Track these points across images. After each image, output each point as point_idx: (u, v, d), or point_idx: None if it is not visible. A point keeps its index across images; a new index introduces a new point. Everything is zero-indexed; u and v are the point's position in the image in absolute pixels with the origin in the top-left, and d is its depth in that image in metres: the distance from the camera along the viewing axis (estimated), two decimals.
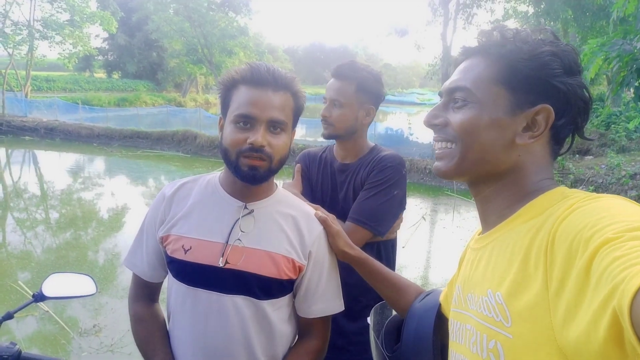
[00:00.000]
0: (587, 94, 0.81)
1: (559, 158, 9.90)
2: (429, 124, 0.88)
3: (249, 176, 1.17)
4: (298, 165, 1.86)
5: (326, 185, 1.81)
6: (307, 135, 15.91)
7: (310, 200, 1.63)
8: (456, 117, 0.84)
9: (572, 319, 0.59)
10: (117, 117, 19.47)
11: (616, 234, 0.57)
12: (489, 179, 0.85)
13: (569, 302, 0.60)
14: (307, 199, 1.60)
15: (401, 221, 1.79)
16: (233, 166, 1.18)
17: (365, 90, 1.73)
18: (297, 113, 1.26)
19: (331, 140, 1.82)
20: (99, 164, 14.50)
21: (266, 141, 1.15)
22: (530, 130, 0.81)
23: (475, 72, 0.83)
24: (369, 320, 1.27)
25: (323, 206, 1.65)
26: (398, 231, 1.80)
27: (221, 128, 1.24)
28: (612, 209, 0.63)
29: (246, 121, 1.16)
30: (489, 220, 0.87)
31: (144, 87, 35.97)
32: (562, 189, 0.79)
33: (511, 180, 0.83)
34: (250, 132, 1.15)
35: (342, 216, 1.68)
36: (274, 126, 1.17)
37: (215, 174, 1.34)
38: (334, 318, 1.40)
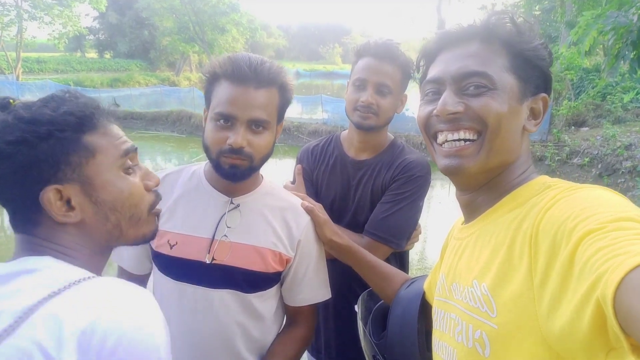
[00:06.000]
0: None
1: (555, 130, 9.73)
2: (449, 112, 0.80)
3: (230, 174, 1.16)
4: (299, 166, 1.68)
5: (336, 183, 1.64)
6: (304, 112, 15.79)
7: (315, 201, 1.51)
8: (481, 103, 0.78)
9: (557, 309, 0.60)
10: (110, 98, 19.22)
11: (599, 224, 0.57)
12: (496, 173, 0.83)
13: (553, 292, 0.61)
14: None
15: (420, 232, 1.66)
16: (214, 164, 1.17)
17: (406, 77, 1.55)
18: (282, 107, 1.20)
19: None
20: None
21: (246, 141, 1.12)
22: (534, 119, 0.83)
23: (488, 59, 0.80)
24: (357, 308, 1.29)
25: (332, 206, 1.60)
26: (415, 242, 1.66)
27: (205, 119, 1.21)
28: (595, 200, 0.64)
29: (226, 119, 1.12)
30: (476, 211, 0.86)
31: (137, 67, 35.45)
32: (544, 178, 0.80)
33: (507, 171, 0.83)
34: (231, 131, 1.12)
35: (353, 217, 1.59)
36: (256, 124, 1.13)
37: (200, 165, 1.32)
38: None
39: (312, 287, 1.31)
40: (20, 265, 0.74)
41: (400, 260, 1.67)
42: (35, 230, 0.78)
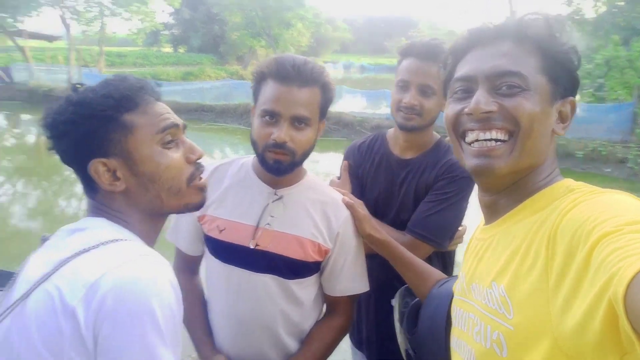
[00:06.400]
0: None
1: (638, 130, 9.05)
2: (482, 111, 0.79)
3: (274, 169, 1.24)
4: (345, 162, 1.72)
5: (380, 181, 1.67)
6: (368, 107, 15.71)
7: (360, 197, 1.56)
8: (515, 103, 0.78)
9: (569, 308, 0.60)
10: (183, 90, 20.11)
11: (615, 227, 0.58)
12: (522, 175, 0.82)
13: (567, 293, 0.61)
14: (356, 197, 1.53)
15: (464, 233, 1.66)
16: (260, 158, 1.26)
17: None
18: (324, 105, 1.28)
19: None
20: None
21: (289, 137, 1.20)
22: (562, 122, 0.83)
23: (521, 58, 0.79)
24: (393, 302, 1.33)
25: (376, 203, 1.64)
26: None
27: (253, 116, 1.29)
28: (614, 204, 0.64)
29: (271, 116, 1.21)
30: (497, 212, 0.86)
31: (208, 61, 36.74)
32: (568, 182, 0.79)
33: (533, 173, 0.82)
34: (275, 127, 1.21)
35: (397, 215, 1.62)
36: (298, 121, 1.21)
37: (249, 158, 1.41)
38: None
39: (350, 278, 1.37)
40: (80, 224, 0.90)
41: (442, 259, 1.67)
42: (95, 196, 0.92)
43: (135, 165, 0.89)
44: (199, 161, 0.98)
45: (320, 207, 1.34)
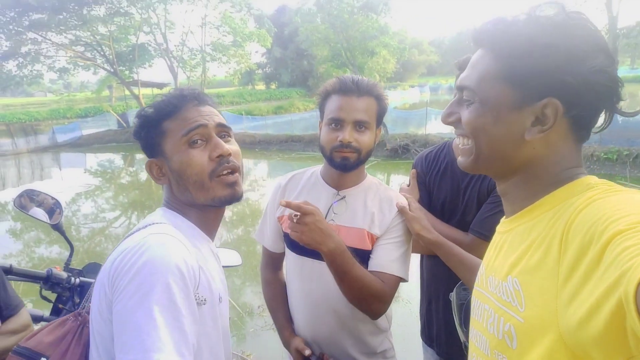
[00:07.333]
0: (608, 76, 0.73)
1: None
2: (445, 122, 0.89)
3: (342, 166, 1.44)
4: (413, 170, 1.85)
5: (446, 186, 1.77)
6: None
7: (428, 204, 1.75)
8: (465, 115, 0.84)
9: (574, 301, 0.61)
10: (274, 124, 21.27)
11: (628, 225, 0.57)
12: (507, 173, 0.85)
13: (574, 287, 0.62)
14: (424, 205, 1.70)
15: None
16: (329, 159, 1.46)
17: None
18: (380, 114, 1.48)
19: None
20: (261, 167, 16.11)
21: (353, 138, 1.41)
22: (540, 124, 0.77)
23: (480, 69, 0.81)
24: (451, 297, 1.39)
25: (443, 207, 1.75)
26: None
27: (320, 129, 1.51)
28: (629, 203, 0.64)
29: (337, 123, 1.42)
30: (512, 207, 0.88)
31: (297, 94, 38.31)
32: (588, 179, 0.77)
33: (530, 173, 0.82)
34: (340, 131, 1.42)
35: (462, 219, 1.70)
36: (359, 125, 1.42)
37: (318, 167, 1.64)
38: None
39: (388, 257, 1.46)
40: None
41: None
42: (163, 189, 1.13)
43: (169, 163, 1.05)
44: (230, 158, 1.05)
45: (378, 204, 1.52)
